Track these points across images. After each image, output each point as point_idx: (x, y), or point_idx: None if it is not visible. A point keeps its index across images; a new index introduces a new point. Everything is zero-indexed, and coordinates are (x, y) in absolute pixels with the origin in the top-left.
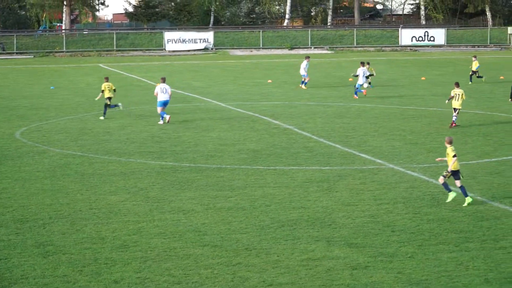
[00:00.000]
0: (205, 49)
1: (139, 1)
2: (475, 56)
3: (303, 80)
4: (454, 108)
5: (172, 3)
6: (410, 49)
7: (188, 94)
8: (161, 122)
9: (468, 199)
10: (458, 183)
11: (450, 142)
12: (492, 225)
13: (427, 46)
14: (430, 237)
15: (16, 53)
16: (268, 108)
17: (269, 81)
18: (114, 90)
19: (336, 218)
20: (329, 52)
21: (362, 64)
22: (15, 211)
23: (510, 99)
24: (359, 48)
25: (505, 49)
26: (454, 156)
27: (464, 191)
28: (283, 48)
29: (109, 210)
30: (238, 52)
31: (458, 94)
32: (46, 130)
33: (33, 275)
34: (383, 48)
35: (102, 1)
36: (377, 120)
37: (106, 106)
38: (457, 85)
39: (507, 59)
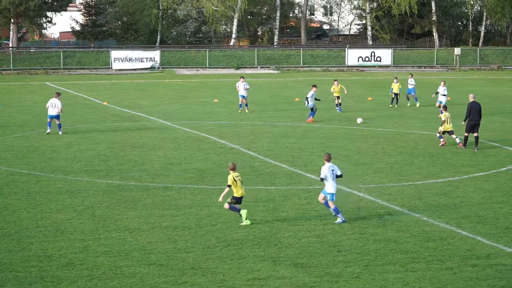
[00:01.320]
0: (152, 68)
1: (86, 20)
2: (396, 78)
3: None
4: (449, 131)
5: (119, 22)
6: (357, 69)
7: (135, 113)
8: (48, 131)
9: (243, 212)
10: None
11: (233, 169)
12: (439, 246)
13: (374, 66)
14: (376, 257)
15: None
16: (214, 128)
17: (215, 100)
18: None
19: (282, 237)
20: (275, 72)
21: (314, 86)
22: None
23: (463, 121)
24: (306, 68)
25: (452, 70)
26: (229, 186)
27: (233, 209)
28: (230, 67)
29: (55, 228)
30: (184, 71)
31: (448, 117)
32: None
33: None
34: (329, 68)
35: (49, 19)
36: (324, 140)
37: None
38: (445, 108)
39: (453, 80)
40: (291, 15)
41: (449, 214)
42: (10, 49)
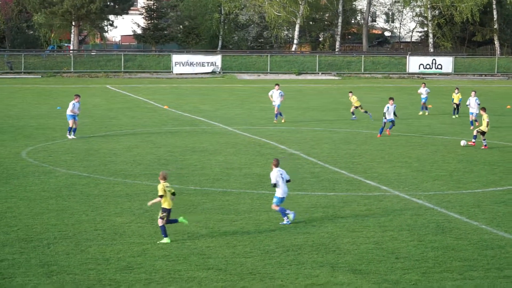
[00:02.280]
0: (213, 72)
1: (147, 23)
2: (457, 88)
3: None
4: (483, 132)
5: (181, 26)
6: (418, 77)
7: (195, 117)
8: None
9: (167, 240)
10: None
11: (164, 178)
12: (497, 254)
13: (435, 74)
14: (434, 264)
15: (24, 72)
16: (275, 133)
17: None
18: None
19: (341, 244)
20: (336, 78)
21: (391, 99)
22: (20, 230)
23: None
24: (367, 75)
25: None
26: (161, 196)
27: (163, 230)
28: (291, 73)
29: (114, 231)
30: (245, 76)
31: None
32: (52, 150)
33: None
34: (390, 75)
35: (111, 23)
36: (384, 147)
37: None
38: (484, 110)
39: None
40: (353, 21)
41: (508, 222)
42: (71, 51)
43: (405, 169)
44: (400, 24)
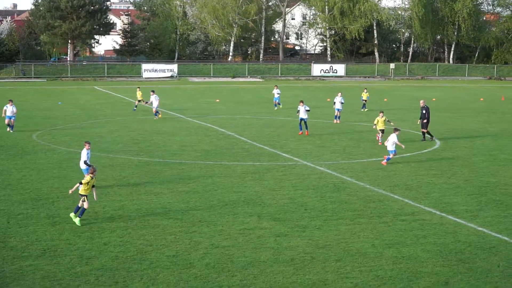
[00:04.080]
0: (171, 76)
1: (124, 41)
2: (365, 88)
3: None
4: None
5: (148, 43)
6: (319, 79)
7: (159, 109)
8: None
9: (78, 221)
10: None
11: (93, 172)
12: (378, 206)
13: (332, 76)
14: (332, 214)
15: (33, 77)
16: (217, 120)
17: (217, 100)
18: None
19: (265, 199)
20: (261, 80)
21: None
22: (32, 192)
23: (418, 121)
24: (283, 78)
25: (388, 79)
26: (80, 183)
27: (76, 210)
28: (228, 76)
29: (100, 192)
30: (195, 79)
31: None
32: (55, 134)
33: (44, 239)
34: (299, 78)
35: (97, 41)
36: (295, 129)
37: None
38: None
39: (389, 87)
40: (272, 39)
41: (385, 183)
42: (68, 62)
43: (311, 145)
44: (307, 40)
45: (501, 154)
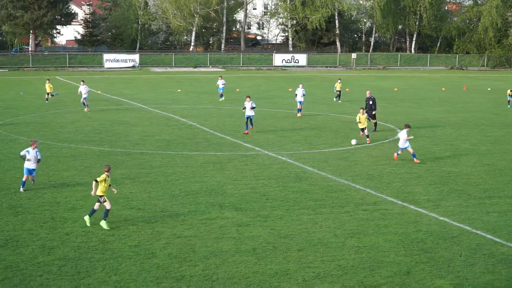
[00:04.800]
0: (133, 66)
1: (85, 31)
2: (339, 79)
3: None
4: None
5: (109, 33)
6: (281, 69)
7: (120, 99)
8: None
9: (104, 224)
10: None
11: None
12: (339, 196)
13: (293, 66)
14: (294, 203)
15: None
16: (178, 110)
17: (179, 90)
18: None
19: (226, 189)
20: (222, 70)
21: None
22: None
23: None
24: (244, 68)
25: (349, 69)
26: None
27: (92, 212)
28: (189, 66)
29: (62, 182)
30: (156, 69)
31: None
32: (17, 124)
33: (6, 229)
34: (261, 67)
35: (58, 31)
36: (258, 120)
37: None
38: (363, 109)
39: (351, 77)
40: (233, 29)
41: (347, 172)
42: (29, 52)
43: (273, 135)
44: (268, 30)
45: (462, 144)
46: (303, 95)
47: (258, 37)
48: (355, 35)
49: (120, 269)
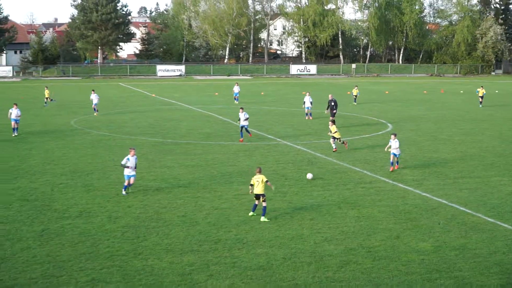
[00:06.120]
0: (180, 75)
1: (142, 47)
2: (356, 86)
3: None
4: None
5: (161, 49)
6: (296, 77)
7: (170, 101)
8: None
9: (264, 218)
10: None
11: (260, 172)
12: (342, 176)
13: (306, 75)
14: (307, 182)
15: (71, 76)
16: (216, 109)
17: (216, 94)
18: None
19: (254, 171)
20: (250, 78)
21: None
22: (70, 166)
23: (325, 111)
24: (267, 76)
25: (350, 77)
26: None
27: (264, 211)
28: (224, 75)
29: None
30: (198, 77)
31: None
32: (88, 120)
33: (80, 203)
34: (280, 76)
35: (121, 47)
36: (278, 117)
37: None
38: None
39: (351, 82)
40: (259, 45)
41: (348, 158)
42: (98, 64)
43: (290, 129)
44: (286, 46)
45: (441, 135)
46: (311, 102)
47: (278, 52)
48: (355, 49)
49: (171, 234)
